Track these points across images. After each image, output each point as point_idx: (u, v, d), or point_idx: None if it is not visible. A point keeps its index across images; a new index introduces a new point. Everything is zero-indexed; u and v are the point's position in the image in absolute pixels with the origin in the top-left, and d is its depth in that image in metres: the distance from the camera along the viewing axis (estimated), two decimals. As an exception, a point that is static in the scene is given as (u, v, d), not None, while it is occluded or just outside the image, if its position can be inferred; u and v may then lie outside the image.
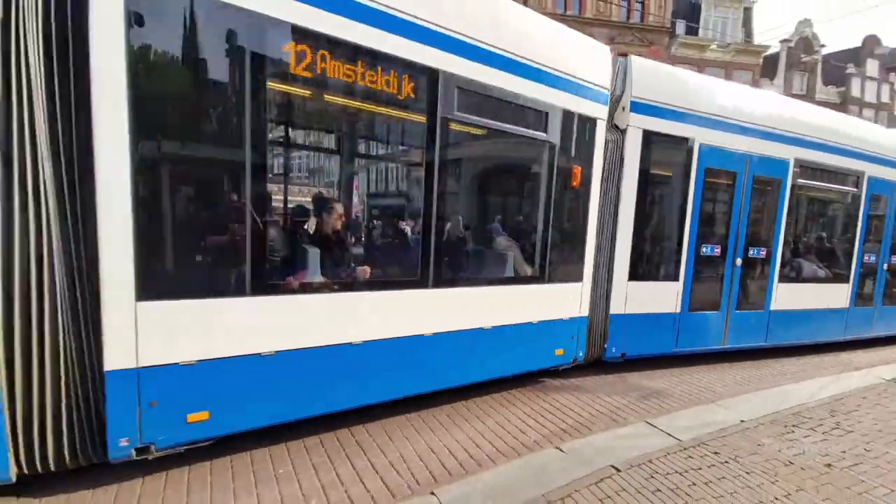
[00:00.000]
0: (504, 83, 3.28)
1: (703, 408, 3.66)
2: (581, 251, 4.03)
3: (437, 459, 2.73)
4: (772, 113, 4.96)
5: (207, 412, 2.33)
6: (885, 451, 3.01)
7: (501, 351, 3.61)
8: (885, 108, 27.35)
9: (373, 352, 2.89)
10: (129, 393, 2.12)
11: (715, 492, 2.46)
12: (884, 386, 4.36)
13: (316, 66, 2.48)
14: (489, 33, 3.17)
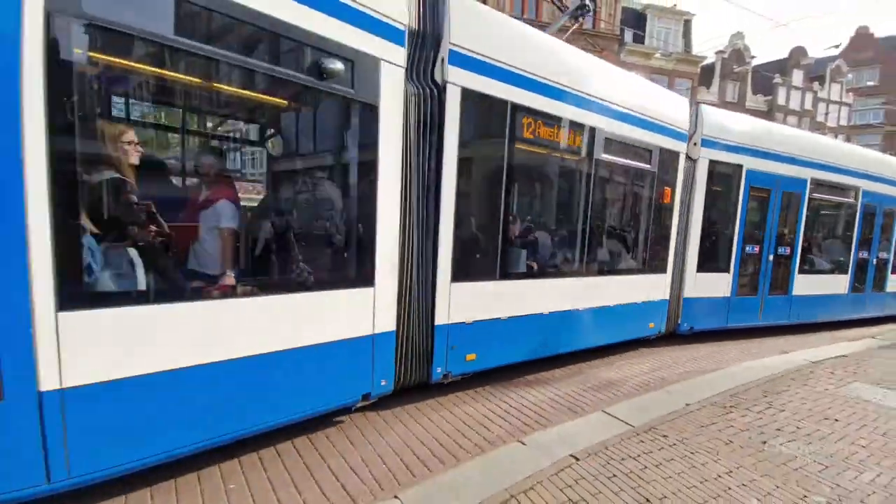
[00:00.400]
0: (630, 132, 4.57)
1: (655, 393, 3.87)
2: (667, 250, 5.35)
3: (400, 461, 2.70)
4: (794, 143, 6.36)
5: (475, 354, 3.58)
6: (814, 428, 3.32)
7: (624, 322, 4.95)
8: (808, 114, 30.33)
9: (566, 317, 4.30)
10: (443, 340, 3.34)
11: (665, 473, 2.60)
12: (810, 368, 4.82)
13: (536, 131, 3.79)
14: (625, 98, 4.47)
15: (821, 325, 7.44)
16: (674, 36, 25.73)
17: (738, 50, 27.66)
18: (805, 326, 7.16)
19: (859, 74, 34.88)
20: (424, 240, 3.26)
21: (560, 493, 2.36)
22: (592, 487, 2.42)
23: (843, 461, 2.82)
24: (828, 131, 31.82)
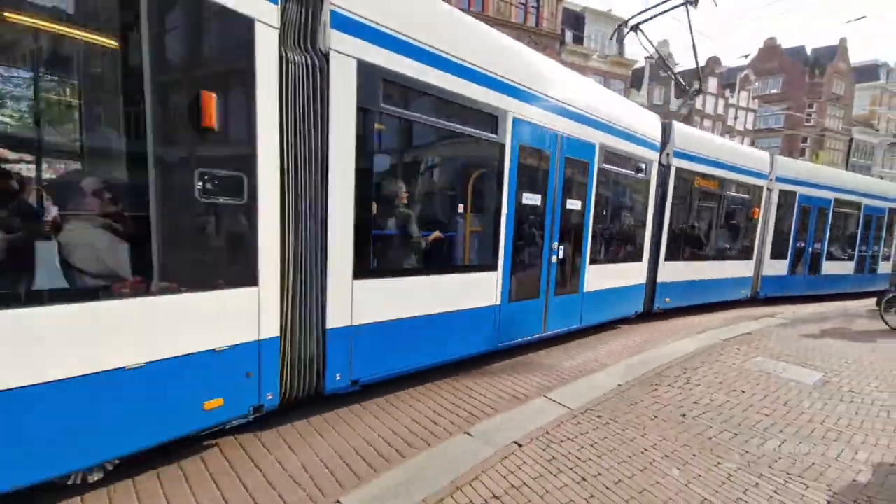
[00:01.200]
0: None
1: (593, 376, 4.11)
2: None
3: (343, 463, 2.61)
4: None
5: None
6: (725, 400, 3.71)
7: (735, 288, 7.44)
8: (720, 118, 33.67)
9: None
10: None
11: (599, 451, 2.77)
12: (721, 345, 5.39)
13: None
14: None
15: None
16: (609, 39, 27.25)
17: (663, 56, 29.95)
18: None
19: (765, 82, 39.36)
20: (655, 241, 5.02)
21: (503, 479, 2.42)
22: (533, 471, 2.51)
23: (750, 429, 3.19)
24: (736, 134, 35.65)
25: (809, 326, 6.68)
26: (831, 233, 9.68)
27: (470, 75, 3.60)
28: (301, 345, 2.84)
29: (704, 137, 7.54)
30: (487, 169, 3.99)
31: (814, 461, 2.78)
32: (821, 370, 4.56)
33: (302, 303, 2.81)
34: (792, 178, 8.65)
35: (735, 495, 2.41)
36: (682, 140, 6.57)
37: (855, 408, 3.63)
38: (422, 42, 3.24)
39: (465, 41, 3.61)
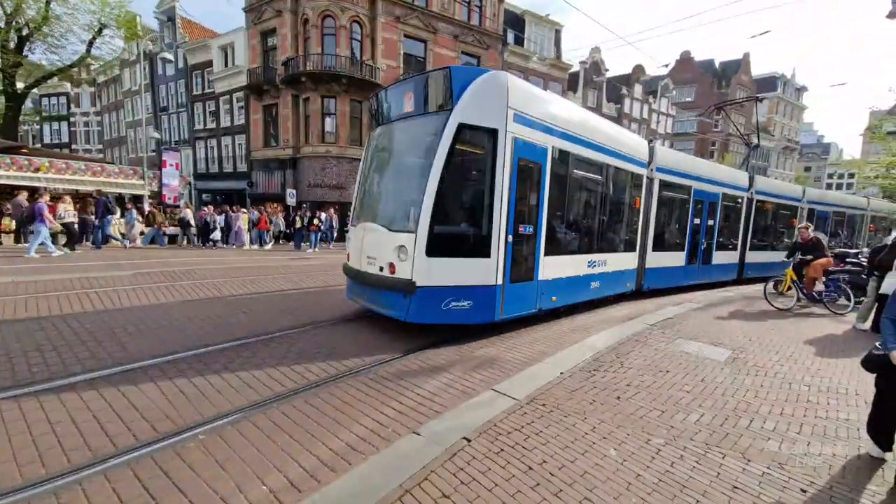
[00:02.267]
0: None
1: (537, 366, 4.24)
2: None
3: (284, 478, 2.44)
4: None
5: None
6: (653, 380, 4.01)
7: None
8: (645, 122, 36.62)
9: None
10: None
11: (544, 439, 2.86)
12: (648, 330, 5.84)
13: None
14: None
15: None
16: (548, 42, 28.43)
17: (596, 62, 31.89)
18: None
19: (681, 91, 43.46)
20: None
21: (453, 477, 2.41)
22: (482, 466, 2.53)
23: (674, 406, 3.48)
24: (658, 136, 39.02)
25: (719, 309, 7.48)
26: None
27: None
28: (639, 272, 8.34)
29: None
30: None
31: (728, 431, 3.09)
32: (729, 348, 5.11)
33: (641, 257, 8.31)
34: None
35: (664, 468, 2.60)
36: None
37: (760, 380, 4.11)
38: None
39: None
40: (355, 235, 5.64)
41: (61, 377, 3.56)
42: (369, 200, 5.78)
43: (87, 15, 18.18)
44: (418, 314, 4.80)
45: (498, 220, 4.97)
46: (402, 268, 4.74)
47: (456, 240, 4.92)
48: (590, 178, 6.74)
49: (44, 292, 6.36)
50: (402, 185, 5.35)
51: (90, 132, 42.22)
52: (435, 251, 4.65)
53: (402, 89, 5.35)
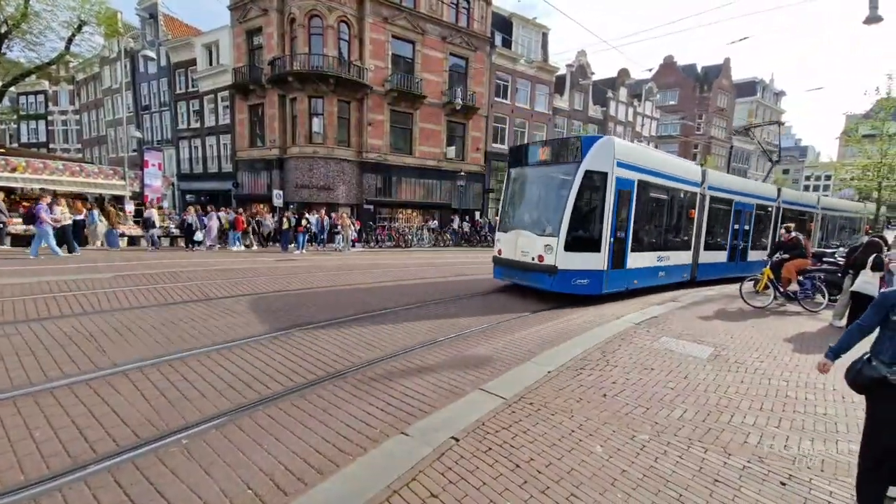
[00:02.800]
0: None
1: (524, 365, 4.28)
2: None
3: (270, 481, 2.42)
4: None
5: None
6: (638, 377, 4.08)
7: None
8: (630, 125, 37.21)
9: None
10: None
11: (531, 437, 2.89)
12: (633, 328, 5.94)
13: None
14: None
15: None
16: (535, 45, 28.69)
17: (582, 65, 32.29)
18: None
19: (664, 95, 44.28)
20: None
21: (441, 476, 2.41)
22: (470, 465, 2.54)
23: (659, 402, 3.54)
24: (643, 139, 39.67)
25: (702, 308, 7.65)
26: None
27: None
28: (694, 265, 10.78)
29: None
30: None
31: (710, 426, 3.17)
32: (712, 345, 5.23)
33: (696, 253, 10.65)
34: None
35: (648, 463, 2.65)
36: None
37: (741, 377, 4.22)
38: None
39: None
40: (508, 238, 8.50)
41: (40, 382, 3.46)
42: (518, 216, 8.75)
43: (66, 11, 17.67)
44: (557, 286, 7.67)
45: (605, 229, 7.84)
46: (548, 258, 7.64)
47: (581, 241, 7.73)
48: (661, 197, 9.41)
49: (20, 295, 6.16)
50: (546, 206, 8.19)
51: (68, 131, 41.05)
52: (569, 248, 7.53)
53: (541, 147, 8.46)
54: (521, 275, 8.22)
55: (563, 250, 7.45)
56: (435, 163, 24.25)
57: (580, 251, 7.63)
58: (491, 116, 26.60)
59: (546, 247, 7.58)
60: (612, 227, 7.84)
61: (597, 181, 7.64)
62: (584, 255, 7.70)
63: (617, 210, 7.89)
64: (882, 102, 18.29)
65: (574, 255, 7.56)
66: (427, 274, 11.07)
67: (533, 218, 8.30)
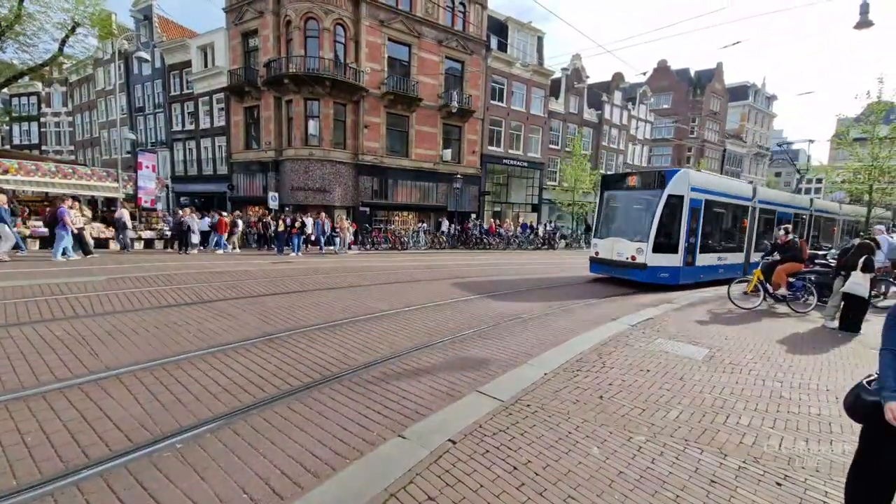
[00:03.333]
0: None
1: (520, 368, 4.28)
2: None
3: (266, 485, 2.39)
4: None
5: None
6: (634, 379, 4.10)
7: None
8: (625, 128, 37.48)
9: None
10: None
11: (528, 439, 2.89)
12: (629, 330, 5.96)
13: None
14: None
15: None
16: (530, 49, 28.85)
17: (577, 69, 32.51)
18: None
19: (658, 98, 44.66)
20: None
21: (438, 479, 2.41)
22: (468, 467, 2.53)
23: (655, 403, 3.56)
24: (637, 142, 39.94)
25: (697, 309, 7.70)
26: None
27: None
28: (745, 265, 12.77)
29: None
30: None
31: (706, 427, 3.18)
32: (707, 347, 5.26)
33: (747, 255, 12.67)
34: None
35: (645, 464, 2.66)
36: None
37: (735, 378, 4.24)
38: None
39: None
40: (605, 243, 11.18)
41: (32, 386, 3.41)
42: (613, 227, 11.37)
43: (60, 13, 17.52)
44: (646, 279, 10.18)
45: (681, 236, 10.32)
46: (640, 258, 10.22)
47: (664, 245, 10.19)
48: (721, 211, 11.70)
49: (12, 298, 6.08)
50: (637, 220, 10.72)
51: (61, 133, 40.69)
52: (655, 251, 10.09)
53: (631, 176, 11.31)
54: (617, 270, 10.91)
55: (651, 252, 10.01)
56: (431, 165, 24.29)
57: (663, 253, 10.14)
58: (487, 119, 26.69)
59: (638, 249, 10.17)
60: (686, 235, 10.30)
61: (675, 202, 10.11)
62: (666, 255, 10.19)
63: (689, 222, 10.34)
64: (873, 106, 18.52)
65: (659, 256, 10.09)
66: (467, 273, 11.06)
67: (626, 228, 10.87)
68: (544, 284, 10.62)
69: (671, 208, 10.03)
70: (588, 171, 28.93)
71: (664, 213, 9.96)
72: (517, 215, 30.15)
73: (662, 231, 10.03)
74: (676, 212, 10.10)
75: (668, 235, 10.14)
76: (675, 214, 10.11)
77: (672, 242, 10.21)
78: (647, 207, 10.28)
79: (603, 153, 35.80)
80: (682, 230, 10.16)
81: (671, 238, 10.20)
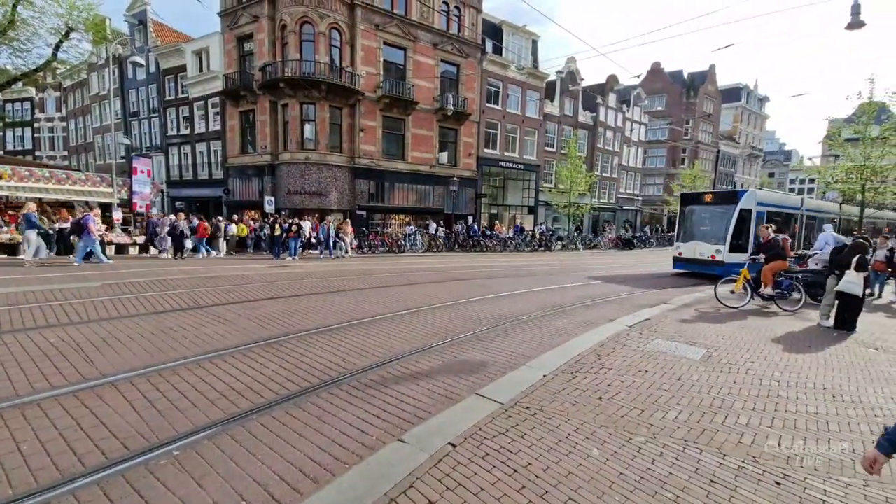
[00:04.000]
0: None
1: (519, 371, 4.27)
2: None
3: (265, 492, 2.38)
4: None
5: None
6: (632, 380, 4.10)
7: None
8: (619, 130, 37.71)
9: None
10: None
11: (528, 442, 2.88)
12: (626, 331, 5.98)
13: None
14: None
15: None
16: (525, 52, 29.02)
17: (572, 72, 32.73)
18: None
19: (652, 100, 45.00)
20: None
21: (438, 483, 2.40)
22: (468, 470, 2.52)
23: (654, 404, 3.56)
24: (632, 144, 40.17)
25: (693, 310, 7.74)
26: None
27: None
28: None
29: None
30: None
31: (705, 428, 3.19)
32: (704, 347, 5.29)
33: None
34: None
35: (645, 465, 2.66)
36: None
37: (733, 377, 4.26)
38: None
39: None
40: (689, 245, 14.06)
41: (27, 394, 3.37)
42: (693, 233, 14.22)
43: (54, 18, 17.43)
44: (724, 273, 10.75)
45: (749, 239, 12.76)
46: (718, 257, 13.07)
47: (737, 247, 12.84)
48: (778, 219, 14.11)
49: (5, 305, 6.02)
50: (715, 228, 13.59)
51: (55, 138, 40.42)
52: (731, 251, 12.83)
53: (707, 195, 14.52)
54: (698, 267, 13.67)
55: (728, 252, 12.88)
56: (427, 168, 24.32)
57: (736, 252, 12.69)
58: (482, 122, 26.78)
59: (717, 250, 13.14)
60: (753, 239, 12.55)
61: (745, 214, 12.98)
62: (738, 255, 12.44)
63: (756, 229, 12.25)
64: (864, 106, 18.73)
65: (733, 255, 12.68)
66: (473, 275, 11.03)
67: (706, 234, 13.79)
68: (544, 284, 10.64)
69: (742, 219, 12.97)
70: (584, 173, 29.06)
71: (737, 223, 12.93)
72: (514, 217, 30.22)
73: (736, 236, 13.02)
74: (746, 221, 13.01)
75: (739, 239, 13.07)
76: (744, 223, 13.02)
77: (743, 244, 12.99)
78: (723, 218, 13.35)
79: (598, 155, 36.00)
80: (750, 234, 12.92)
81: (742, 241, 13.08)
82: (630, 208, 41.53)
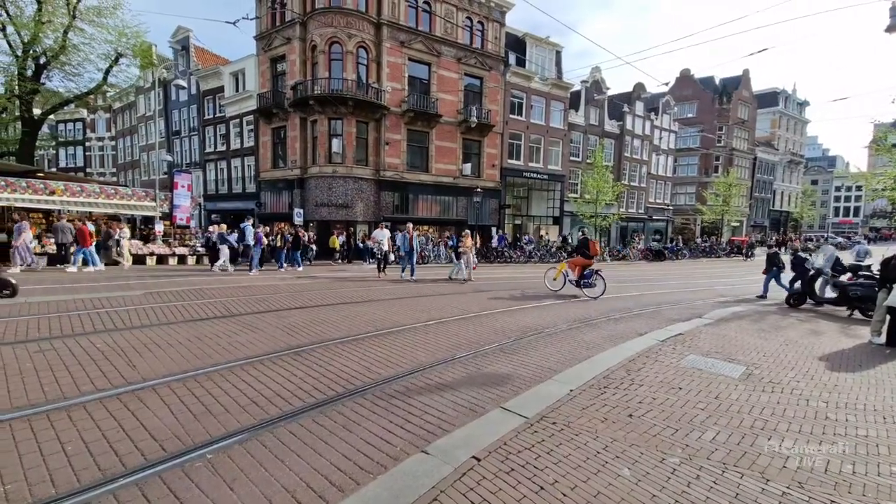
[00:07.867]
0: None
1: (544, 385, 4.18)
2: None
3: (293, 498, 2.41)
4: None
5: None
6: (665, 397, 3.94)
7: None
8: (647, 138, 36.88)
9: None
10: None
11: (555, 458, 2.80)
12: (659, 346, 5.76)
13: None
14: None
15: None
16: (549, 63, 29.04)
17: (597, 81, 32.43)
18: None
19: (682, 108, 43.86)
20: None
21: (463, 497, 2.36)
22: (493, 486, 2.48)
23: (689, 423, 3.40)
24: (661, 152, 39.14)
25: (730, 325, 7.37)
26: None
27: None
28: None
29: None
30: None
31: (746, 450, 3.01)
32: (743, 364, 5.01)
33: None
34: None
35: (680, 489, 2.53)
36: None
37: (776, 397, 4.01)
38: None
39: None
40: None
41: (74, 396, 3.58)
42: None
43: (103, 45, 18.92)
44: None
45: None
46: None
47: None
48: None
49: (56, 312, 6.44)
50: None
51: (105, 156, 43.42)
52: None
53: None
54: None
55: None
56: (451, 180, 24.52)
57: None
58: (506, 133, 26.84)
59: None
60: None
61: None
62: None
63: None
64: (913, 110, 17.62)
65: None
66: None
67: None
68: (566, 297, 10.44)
69: None
70: (610, 182, 28.51)
71: None
72: (538, 228, 29.90)
73: None
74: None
75: None
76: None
77: None
78: None
79: (626, 164, 35.27)
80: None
81: None
82: (660, 218, 40.30)
